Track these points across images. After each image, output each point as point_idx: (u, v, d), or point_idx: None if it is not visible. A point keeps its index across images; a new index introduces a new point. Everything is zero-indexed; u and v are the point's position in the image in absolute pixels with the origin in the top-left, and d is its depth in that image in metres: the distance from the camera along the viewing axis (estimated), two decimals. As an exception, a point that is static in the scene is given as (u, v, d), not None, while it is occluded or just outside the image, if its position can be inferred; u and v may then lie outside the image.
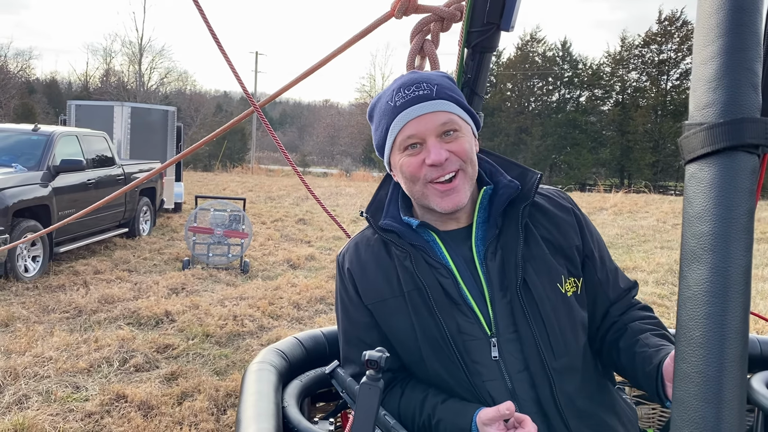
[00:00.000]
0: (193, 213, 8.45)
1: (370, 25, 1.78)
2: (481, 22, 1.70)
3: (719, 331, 0.59)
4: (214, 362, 5.02)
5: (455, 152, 1.29)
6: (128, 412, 3.99)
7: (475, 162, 1.34)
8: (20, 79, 39.73)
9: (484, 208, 1.37)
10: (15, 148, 8.12)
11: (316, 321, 6.26)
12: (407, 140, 1.31)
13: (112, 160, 9.76)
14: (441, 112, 1.30)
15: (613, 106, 37.66)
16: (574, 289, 1.33)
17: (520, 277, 1.28)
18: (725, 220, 0.60)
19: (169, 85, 41.72)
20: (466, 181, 1.31)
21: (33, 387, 4.33)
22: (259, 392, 1.51)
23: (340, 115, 53.15)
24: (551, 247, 1.34)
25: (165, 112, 14.06)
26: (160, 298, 6.64)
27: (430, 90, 1.31)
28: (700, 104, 0.63)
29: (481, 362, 1.29)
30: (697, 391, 0.59)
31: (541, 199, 1.39)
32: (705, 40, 0.63)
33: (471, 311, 1.30)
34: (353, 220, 14.32)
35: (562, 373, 1.28)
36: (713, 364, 0.59)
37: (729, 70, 0.61)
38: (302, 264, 9.07)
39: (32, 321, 5.76)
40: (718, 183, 0.61)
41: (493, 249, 1.32)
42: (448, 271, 1.33)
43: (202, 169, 33.78)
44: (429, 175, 1.30)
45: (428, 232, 1.38)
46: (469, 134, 1.34)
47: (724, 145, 0.60)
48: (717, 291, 0.60)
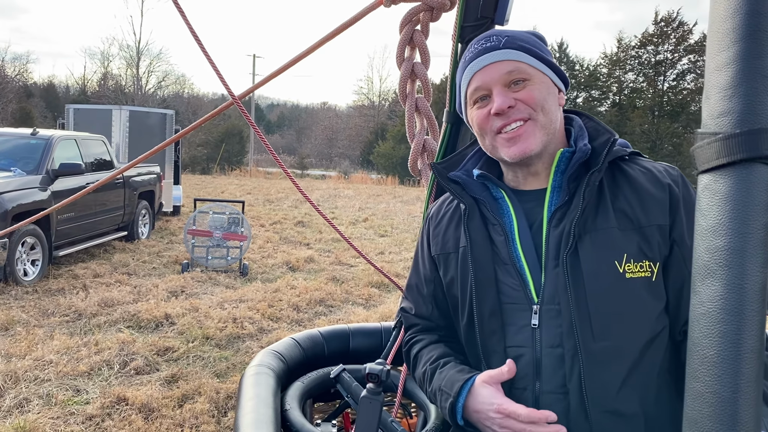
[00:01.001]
0: (192, 216, 8.44)
1: (359, 13, 1.75)
2: (475, 17, 1.67)
3: (734, 350, 0.57)
4: (214, 364, 5.02)
5: (522, 99, 1.23)
6: (129, 414, 3.99)
7: (552, 112, 1.26)
8: (18, 84, 39.65)
9: (561, 172, 1.28)
10: (14, 153, 8.11)
11: (316, 323, 6.25)
12: (475, 92, 1.28)
13: (111, 163, 9.74)
14: (507, 61, 1.24)
15: (611, 107, 37.66)
16: (645, 273, 1.19)
17: (571, 245, 1.20)
18: (741, 235, 0.58)
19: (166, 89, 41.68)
20: (537, 129, 1.24)
21: (34, 390, 4.32)
22: (257, 396, 1.48)
23: (338, 118, 53.11)
24: (625, 221, 1.21)
25: (163, 115, 14.04)
26: (160, 301, 6.63)
27: (498, 41, 1.26)
28: (715, 112, 0.60)
29: (516, 326, 1.25)
30: (711, 412, 0.57)
31: (636, 171, 1.27)
32: (719, 45, 0.60)
33: (518, 274, 1.25)
34: (352, 223, 14.32)
35: (600, 359, 1.17)
36: (728, 384, 0.57)
37: (746, 78, 0.58)
38: (301, 266, 9.06)
39: (32, 325, 5.75)
40: (733, 196, 0.59)
41: (561, 216, 1.24)
42: (503, 229, 1.28)
43: (200, 172, 33.72)
44: (495, 124, 1.25)
45: (497, 189, 1.32)
46: (544, 84, 1.26)
47: (741, 157, 0.58)
48: (732, 308, 0.57)
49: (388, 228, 13.61)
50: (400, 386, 1.68)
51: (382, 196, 22.40)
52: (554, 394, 1.21)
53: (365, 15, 1.72)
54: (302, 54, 1.79)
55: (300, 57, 1.79)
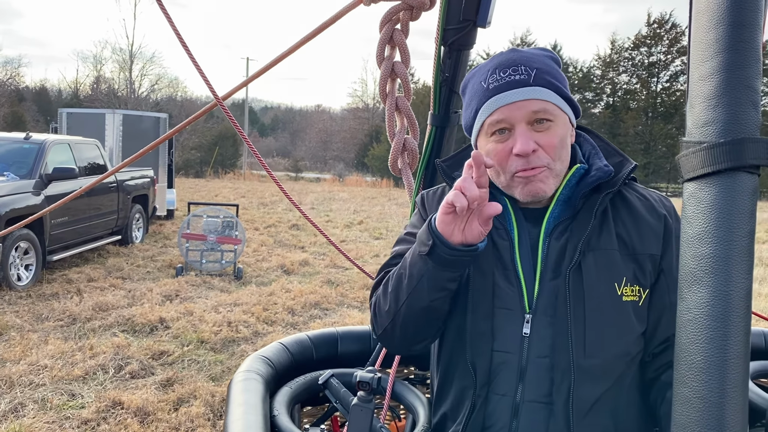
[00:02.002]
0: (186, 220, 8.43)
1: (340, 11, 1.74)
2: (457, 20, 1.67)
3: (720, 355, 0.58)
4: (209, 368, 5.02)
5: (544, 146, 1.22)
6: (125, 418, 3.99)
7: (566, 157, 1.27)
8: (10, 87, 39.47)
9: (570, 187, 1.29)
10: (7, 157, 8.08)
11: (311, 326, 6.25)
12: (496, 124, 1.24)
13: (104, 167, 9.72)
14: (535, 101, 1.22)
15: (604, 108, 37.78)
16: (635, 297, 1.23)
17: (576, 261, 1.21)
18: (726, 242, 0.58)
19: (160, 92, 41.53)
20: (551, 177, 1.24)
21: (29, 395, 4.31)
22: (246, 403, 1.47)
23: (333, 120, 53.03)
24: (623, 247, 1.25)
25: (156, 119, 14.03)
26: (155, 305, 6.62)
27: (527, 75, 1.23)
28: (699, 122, 0.61)
29: (506, 331, 1.24)
30: (699, 417, 0.58)
31: (633, 197, 1.31)
32: (703, 55, 0.61)
33: (517, 281, 1.25)
34: (347, 225, 14.32)
35: (588, 375, 1.20)
36: (714, 389, 0.57)
37: (729, 88, 0.59)
38: (296, 269, 9.06)
39: (26, 329, 5.73)
40: (718, 204, 0.59)
41: (562, 229, 1.25)
42: (508, 234, 1.28)
43: (193, 175, 33.65)
44: (515, 165, 1.23)
45: (501, 197, 1.31)
46: (563, 125, 1.26)
47: (725, 166, 0.59)
48: (718, 314, 0.58)
49: (383, 230, 13.62)
50: (389, 389, 1.69)
51: (377, 198, 22.40)
52: (536, 403, 1.22)
53: (346, 13, 1.71)
54: (284, 53, 1.77)
55: (282, 56, 1.77)
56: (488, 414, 1.26)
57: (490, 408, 1.26)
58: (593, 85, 38.11)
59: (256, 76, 1.97)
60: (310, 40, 1.77)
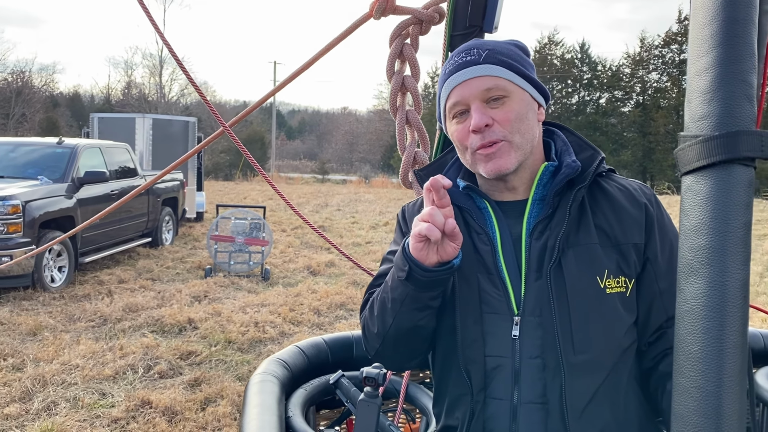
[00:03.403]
0: (215, 222, 8.54)
1: (350, 26, 1.77)
2: (464, 26, 1.68)
3: (717, 345, 0.58)
4: (236, 368, 5.08)
5: (499, 121, 1.24)
6: (153, 417, 4.06)
7: (528, 131, 1.27)
8: (44, 94, 40.40)
9: (544, 185, 1.30)
10: (40, 162, 8.29)
11: (337, 327, 6.29)
12: (454, 107, 1.28)
13: (135, 171, 9.90)
14: (486, 77, 1.24)
15: (634, 107, 37.26)
16: (621, 288, 1.24)
17: (555, 258, 1.22)
18: (722, 234, 0.59)
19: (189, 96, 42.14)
20: (511, 149, 1.25)
21: (61, 394, 4.42)
22: (262, 404, 1.49)
23: (359, 122, 53.24)
24: (604, 238, 1.25)
25: (186, 122, 14.22)
26: (183, 306, 6.73)
27: (478, 55, 1.26)
28: (695, 116, 0.62)
29: (496, 335, 1.25)
30: (696, 406, 0.59)
31: (613, 188, 1.31)
32: (699, 51, 0.62)
33: (503, 284, 1.25)
34: (372, 227, 14.35)
35: (579, 371, 1.20)
36: (712, 379, 0.58)
37: (724, 82, 0.60)
38: (322, 270, 9.11)
39: (59, 330, 5.87)
40: (714, 196, 0.60)
41: (542, 228, 1.26)
42: (489, 239, 1.28)
43: (222, 178, 34.05)
44: (474, 143, 1.26)
45: (481, 199, 1.33)
46: (520, 101, 1.26)
47: (720, 159, 0.60)
48: (714, 305, 0.59)
49: (409, 232, 13.59)
50: (402, 391, 1.69)
51: (403, 200, 22.40)
52: (533, 404, 1.22)
53: (356, 28, 1.75)
54: (297, 72, 1.82)
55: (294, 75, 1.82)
56: (487, 418, 1.25)
57: (489, 413, 1.25)
58: (622, 84, 37.62)
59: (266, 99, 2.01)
60: (323, 55, 1.81)
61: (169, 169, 2.15)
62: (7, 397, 4.31)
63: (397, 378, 1.75)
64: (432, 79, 34.50)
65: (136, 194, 2.23)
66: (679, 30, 35.33)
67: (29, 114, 35.94)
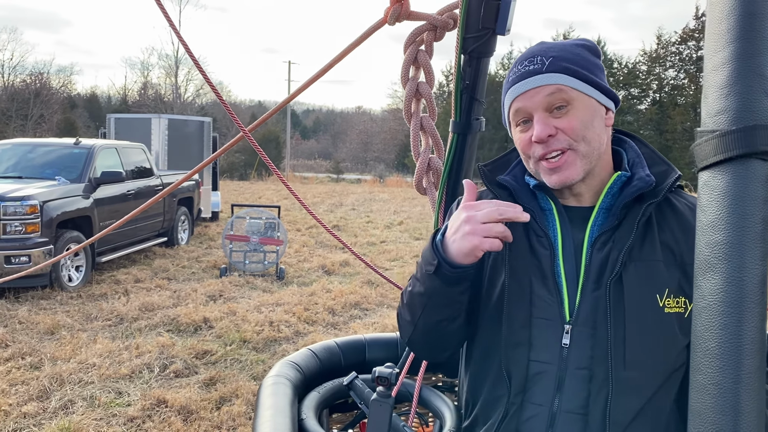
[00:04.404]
0: (230, 221, 8.58)
1: (365, 32, 1.77)
2: (476, 28, 1.66)
3: (735, 341, 0.58)
4: (251, 367, 5.10)
5: (562, 129, 1.22)
6: (168, 416, 4.08)
7: (595, 139, 1.24)
8: (62, 95, 40.89)
9: (612, 195, 1.27)
10: (58, 162, 8.38)
11: (351, 326, 6.29)
12: (516, 115, 1.27)
13: (151, 171, 9.98)
14: (548, 86, 1.22)
15: (651, 105, 36.92)
16: (680, 309, 1.20)
17: (616, 272, 1.19)
18: (739, 229, 0.59)
19: (205, 96, 42.45)
20: (577, 158, 1.22)
21: (78, 392, 4.46)
22: (274, 406, 1.49)
23: (373, 122, 53.31)
24: (669, 256, 1.22)
25: (201, 123, 14.31)
26: (199, 305, 6.76)
27: (542, 64, 1.24)
28: (713, 111, 0.62)
29: (544, 341, 1.23)
30: (714, 403, 0.59)
31: (682, 205, 1.27)
32: (716, 46, 0.62)
33: (556, 290, 1.23)
34: (387, 226, 14.35)
35: (627, 387, 1.18)
36: (729, 375, 0.58)
37: (741, 77, 0.60)
38: (337, 270, 9.13)
39: (76, 329, 5.93)
40: (731, 191, 0.60)
41: (605, 239, 1.23)
42: (550, 243, 1.26)
43: (238, 178, 34.25)
44: (536, 152, 1.24)
45: (547, 199, 1.30)
46: (586, 108, 1.23)
47: (737, 153, 0.59)
48: (732, 301, 0.59)
49: (423, 231, 13.60)
50: (416, 394, 1.69)
51: (418, 199, 22.38)
52: (573, 414, 1.20)
53: (371, 34, 1.77)
54: (312, 79, 1.84)
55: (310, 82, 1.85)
56: (522, 422, 1.24)
57: (525, 416, 1.24)
58: (639, 81, 37.30)
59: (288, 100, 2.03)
60: (339, 61, 1.82)
61: (192, 173, 2.17)
62: (25, 396, 4.36)
63: (410, 381, 1.74)
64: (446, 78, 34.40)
65: (158, 200, 2.25)
66: (696, 26, 34.94)
67: (47, 115, 36.38)
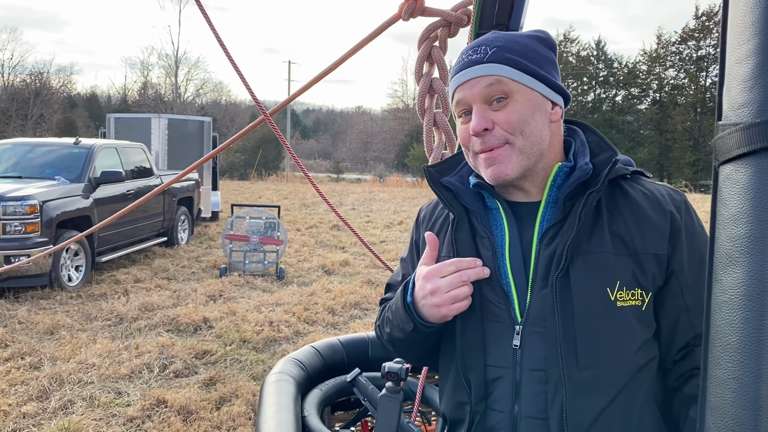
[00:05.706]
0: (230, 221, 8.57)
1: (379, 27, 1.77)
2: (490, 24, 1.66)
3: (756, 335, 0.57)
4: (251, 367, 5.08)
5: (500, 123, 1.17)
6: (168, 416, 4.06)
7: (535, 133, 1.18)
8: (62, 95, 40.92)
9: (558, 187, 1.22)
10: (58, 162, 8.36)
11: (351, 326, 6.28)
12: (458, 106, 1.23)
13: (150, 170, 9.97)
14: (488, 77, 1.17)
15: (651, 104, 36.99)
16: (635, 301, 1.14)
17: (562, 267, 1.14)
18: (762, 222, 0.58)
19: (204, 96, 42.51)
20: (513, 153, 1.17)
21: (77, 392, 4.44)
22: (278, 403, 1.49)
23: (373, 121, 53.34)
24: (620, 246, 1.16)
25: (201, 122, 14.30)
26: (199, 305, 6.75)
27: (484, 53, 1.19)
28: (735, 104, 0.61)
29: (497, 345, 1.19)
30: (734, 397, 0.58)
31: (637, 192, 1.21)
32: (739, 38, 0.61)
33: (502, 292, 1.19)
34: (387, 226, 14.34)
35: (583, 387, 1.12)
36: (750, 369, 0.57)
37: (765, 69, 0.59)
38: (337, 270, 9.12)
39: (76, 329, 5.91)
40: (754, 184, 0.59)
41: (553, 234, 1.18)
42: (492, 243, 1.22)
43: (238, 178, 34.25)
44: (475, 145, 1.20)
45: (492, 199, 1.26)
46: (526, 101, 1.18)
47: (761, 146, 0.58)
48: (754, 294, 0.58)
49: (424, 231, 13.57)
50: (419, 392, 1.68)
51: (417, 198, 22.39)
52: (534, 419, 1.16)
53: (385, 29, 1.77)
54: (324, 72, 1.84)
55: (322, 75, 1.85)
56: (487, 430, 1.21)
57: (489, 424, 1.21)
58: (639, 81, 37.32)
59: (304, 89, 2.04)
60: (353, 54, 1.83)
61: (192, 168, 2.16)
62: (24, 396, 4.34)
63: (413, 380, 1.73)
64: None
65: (155, 194, 2.24)
66: (696, 26, 34.98)
67: (47, 115, 36.41)
